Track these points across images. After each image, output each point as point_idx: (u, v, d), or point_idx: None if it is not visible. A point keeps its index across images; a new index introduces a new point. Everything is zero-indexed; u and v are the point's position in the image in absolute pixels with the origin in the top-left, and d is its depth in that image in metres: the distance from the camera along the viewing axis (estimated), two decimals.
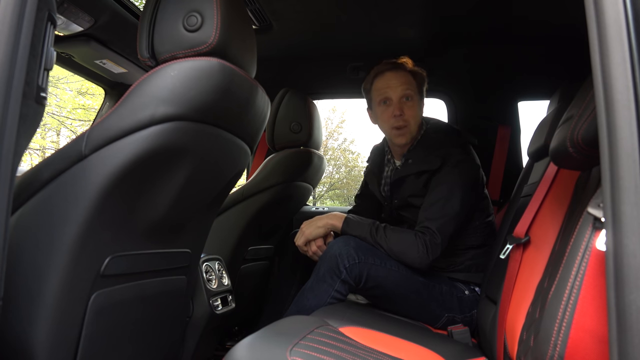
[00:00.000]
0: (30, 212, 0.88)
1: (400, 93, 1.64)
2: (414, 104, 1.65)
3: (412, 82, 1.67)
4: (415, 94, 1.66)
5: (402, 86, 1.64)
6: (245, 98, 1.07)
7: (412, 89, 1.66)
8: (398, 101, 1.64)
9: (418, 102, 1.68)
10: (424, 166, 1.61)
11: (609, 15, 0.53)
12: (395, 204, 1.76)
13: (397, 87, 1.64)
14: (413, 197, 1.65)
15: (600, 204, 0.59)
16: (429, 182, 1.60)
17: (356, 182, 14.55)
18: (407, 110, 1.64)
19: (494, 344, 1.15)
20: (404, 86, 1.64)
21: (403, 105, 1.64)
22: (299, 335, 0.93)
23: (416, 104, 1.67)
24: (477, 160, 1.66)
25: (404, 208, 1.72)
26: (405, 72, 1.68)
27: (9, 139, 0.62)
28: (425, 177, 1.61)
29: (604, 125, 0.52)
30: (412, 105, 1.65)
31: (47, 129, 10.72)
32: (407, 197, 1.67)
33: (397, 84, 1.65)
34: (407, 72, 1.68)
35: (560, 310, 0.64)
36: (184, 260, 1.23)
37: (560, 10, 1.74)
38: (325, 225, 1.62)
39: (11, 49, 0.62)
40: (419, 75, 1.71)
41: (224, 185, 1.21)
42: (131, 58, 1.87)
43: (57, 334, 0.87)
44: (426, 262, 1.47)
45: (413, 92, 1.66)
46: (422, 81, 1.72)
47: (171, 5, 0.97)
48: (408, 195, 1.67)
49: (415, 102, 1.66)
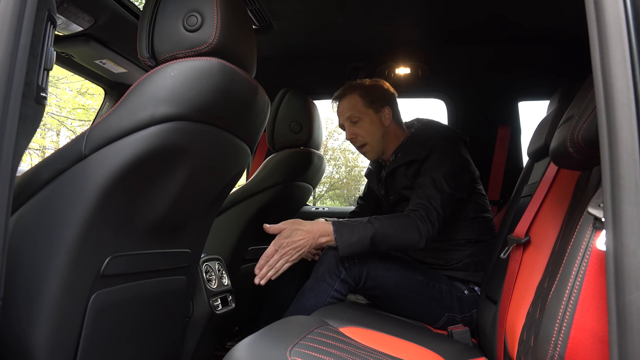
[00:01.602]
0: (30, 212, 0.88)
1: (345, 119, 1.76)
2: (363, 123, 1.73)
3: (358, 103, 1.74)
4: (363, 114, 1.73)
5: (345, 113, 1.75)
6: (245, 98, 1.07)
7: (357, 110, 1.73)
8: (348, 126, 1.76)
9: (371, 118, 1.73)
10: (412, 156, 1.64)
11: (609, 14, 0.53)
12: (391, 200, 1.78)
13: (342, 115, 1.77)
14: (406, 190, 1.67)
15: (600, 204, 0.59)
16: (418, 172, 1.61)
17: (356, 182, 14.55)
18: (357, 130, 1.74)
19: (494, 344, 1.15)
20: (347, 112, 1.75)
21: (352, 128, 1.75)
22: (299, 335, 0.93)
23: (367, 121, 1.73)
24: (465, 154, 1.67)
25: (399, 203, 1.73)
26: (350, 95, 1.75)
27: (9, 139, 0.62)
28: (415, 167, 1.63)
29: (604, 125, 0.52)
30: (361, 125, 1.74)
31: (47, 129, 10.72)
32: (401, 190, 1.69)
33: (341, 112, 1.77)
34: (354, 94, 1.75)
35: (560, 310, 0.64)
36: (184, 260, 1.23)
37: (560, 10, 1.74)
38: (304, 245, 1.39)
39: (11, 49, 0.62)
40: (370, 90, 1.75)
41: (224, 185, 1.21)
42: (131, 58, 1.87)
43: (57, 334, 0.87)
44: (431, 235, 1.45)
45: (360, 113, 1.73)
46: (375, 94, 1.75)
47: (171, 5, 0.97)
48: (401, 188, 1.69)
49: (365, 121, 1.73)
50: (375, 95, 1.76)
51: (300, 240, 1.39)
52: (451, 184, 1.52)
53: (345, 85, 1.80)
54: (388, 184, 1.79)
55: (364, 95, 1.74)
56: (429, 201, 1.49)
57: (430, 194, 1.50)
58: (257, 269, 1.41)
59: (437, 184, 1.51)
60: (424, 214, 1.46)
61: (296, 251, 1.39)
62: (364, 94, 1.74)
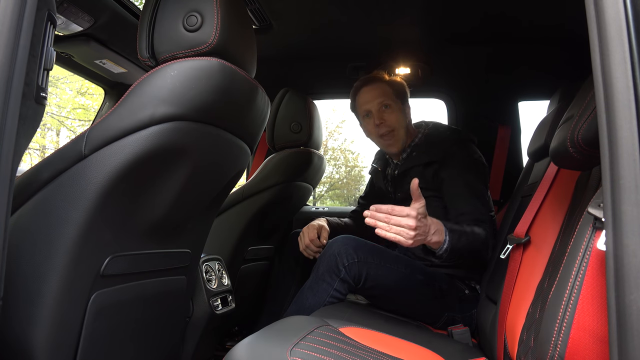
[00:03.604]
0: (29, 212, 0.88)
1: (377, 104, 1.74)
2: (393, 111, 1.74)
3: (388, 91, 1.76)
4: (393, 102, 1.75)
5: (378, 98, 1.74)
6: (245, 98, 1.07)
7: (388, 97, 1.75)
8: (377, 111, 1.74)
9: (400, 108, 1.76)
10: (431, 157, 1.66)
11: (609, 14, 0.53)
12: (398, 197, 1.79)
13: (374, 99, 1.75)
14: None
15: (600, 204, 0.59)
16: (437, 174, 1.63)
17: (356, 182, 14.54)
18: (387, 117, 1.74)
19: (494, 344, 1.15)
20: (379, 97, 1.74)
21: (382, 113, 1.74)
22: (299, 335, 0.93)
23: (396, 110, 1.75)
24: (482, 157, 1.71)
25: (407, 201, 1.73)
26: (380, 83, 1.77)
27: (8, 139, 0.62)
28: (434, 168, 1.64)
29: (604, 125, 0.52)
30: (391, 111, 1.74)
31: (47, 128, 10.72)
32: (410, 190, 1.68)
33: (374, 96, 1.76)
34: (382, 83, 1.77)
35: (560, 310, 0.64)
36: (184, 260, 1.23)
37: (560, 10, 1.74)
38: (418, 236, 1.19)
39: (11, 49, 0.62)
40: (395, 84, 1.79)
41: (224, 185, 1.21)
42: (131, 58, 1.87)
43: (57, 334, 0.87)
44: (491, 251, 1.50)
45: (390, 100, 1.74)
46: (400, 89, 1.80)
47: (171, 5, 0.97)
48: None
49: (394, 109, 1.74)
50: (401, 89, 1.80)
51: (424, 231, 1.21)
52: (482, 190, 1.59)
53: (369, 75, 1.82)
54: (397, 182, 1.80)
55: (391, 85, 1.77)
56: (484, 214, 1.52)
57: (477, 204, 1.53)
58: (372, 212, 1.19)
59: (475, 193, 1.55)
60: (491, 232, 1.49)
61: (418, 240, 1.20)
62: (391, 85, 1.78)
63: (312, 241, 1.73)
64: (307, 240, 1.73)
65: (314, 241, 1.73)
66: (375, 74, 1.82)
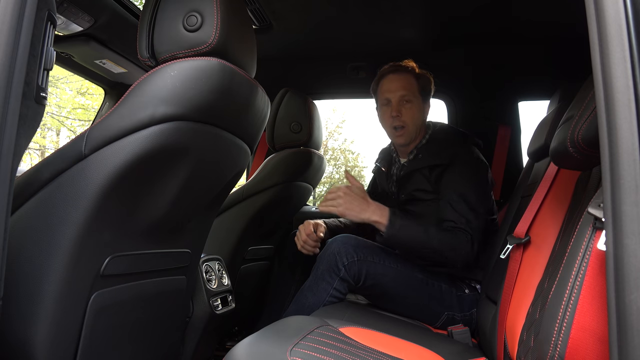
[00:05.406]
0: (29, 212, 0.88)
1: (398, 95, 1.71)
2: (412, 107, 1.71)
3: (413, 85, 1.72)
4: (415, 97, 1.71)
5: (401, 89, 1.71)
6: (245, 98, 1.07)
7: (412, 91, 1.71)
8: (397, 103, 1.71)
9: (419, 105, 1.72)
10: (436, 160, 1.64)
11: (609, 14, 0.53)
12: (402, 199, 1.77)
13: (397, 90, 1.71)
14: (420, 192, 1.67)
15: (600, 204, 0.59)
16: (440, 178, 1.62)
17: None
18: (404, 111, 1.70)
19: (494, 344, 1.15)
20: (403, 90, 1.71)
21: (401, 107, 1.71)
22: (299, 335, 0.93)
23: (416, 106, 1.71)
24: (485, 161, 1.70)
25: (410, 202, 1.73)
26: (407, 74, 1.73)
27: (8, 139, 0.62)
28: (438, 171, 1.64)
29: (604, 125, 0.52)
30: (410, 107, 1.70)
31: (47, 128, 10.72)
32: (413, 192, 1.69)
33: (397, 87, 1.72)
34: (410, 75, 1.73)
35: (560, 310, 0.64)
36: (184, 260, 1.23)
37: (560, 10, 1.74)
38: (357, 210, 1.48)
39: (11, 49, 0.62)
40: (423, 78, 1.75)
41: (224, 185, 1.21)
42: (131, 58, 1.87)
43: (57, 334, 0.87)
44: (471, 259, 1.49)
45: (413, 96, 1.71)
46: (425, 84, 1.76)
47: (171, 5, 0.97)
48: (414, 190, 1.68)
49: (414, 105, 1.71)
50: (427, 85, 1.77)
51: (359, 205, 1.49)
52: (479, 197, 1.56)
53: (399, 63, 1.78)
54: (401, 183, 1.77)
55: (418, 79, 1.74)
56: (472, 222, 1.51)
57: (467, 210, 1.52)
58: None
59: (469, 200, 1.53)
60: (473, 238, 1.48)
61: (348, 207, 1.48)
62: (418, 79, 1.74)
63: (309, 235, 1.69)
64: (304, 235, 1.69)
65: (310, 235, 1.69)
66: (406, 63, 1.77)
